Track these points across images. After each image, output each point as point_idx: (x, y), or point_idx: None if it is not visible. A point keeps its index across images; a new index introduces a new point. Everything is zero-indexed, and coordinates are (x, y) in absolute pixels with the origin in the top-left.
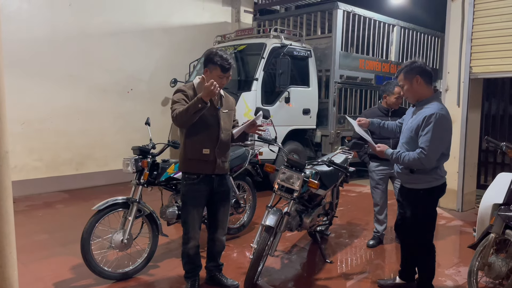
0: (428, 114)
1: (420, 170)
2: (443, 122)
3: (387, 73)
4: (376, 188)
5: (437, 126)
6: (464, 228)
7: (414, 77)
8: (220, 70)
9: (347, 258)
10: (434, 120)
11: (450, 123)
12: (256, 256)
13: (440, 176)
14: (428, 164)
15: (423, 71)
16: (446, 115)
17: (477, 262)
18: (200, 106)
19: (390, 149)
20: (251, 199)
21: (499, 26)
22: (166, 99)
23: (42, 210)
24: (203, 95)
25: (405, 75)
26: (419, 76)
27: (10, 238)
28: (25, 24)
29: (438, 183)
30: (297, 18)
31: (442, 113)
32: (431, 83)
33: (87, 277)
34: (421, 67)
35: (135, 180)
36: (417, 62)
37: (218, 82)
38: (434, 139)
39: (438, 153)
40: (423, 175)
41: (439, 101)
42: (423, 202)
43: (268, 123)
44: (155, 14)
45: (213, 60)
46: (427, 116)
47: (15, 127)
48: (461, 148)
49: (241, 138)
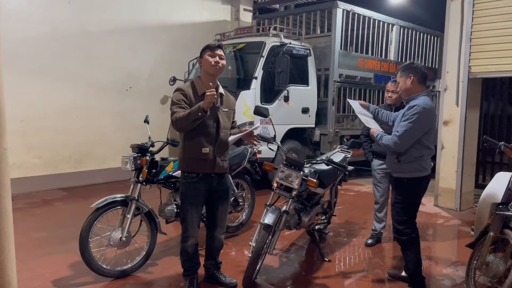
0: (412, 105)
1: (405, 160)
2: (424, 114)
3: (386, 72)
4: (377, 186)
5: (417, 116)
6: (462, 227)
7: (408, 75)
8: (208, 50)
9: (345, 257)
10: (415, 111)
11: (432, 118)
12: (255, 255)
13: (423, 168)
14: (398, 148)
15: (417, 71)
16: (428, 109)
17: (475, 261)
18: (200, 114)
19: (378, 132)
20: (249, 197)
21: (498, 26)
22: (165, 97)
23: (40, 208)
24: (204, 103)
25: (401, 73)
26: (412, 74)
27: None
28: (24, 22)
29: (420, 174)
30: (296, 17)
31: (425, 107)
32: (424, 83)
33: (85, 275)
34: (416, 67)
35: (134, 178)
36: (414, 63)
37: (211, 61)
38: (410, 127)
39: (411, 141)
40: (407, 165)
41: (427, 98)
42: (405, 189)
43: (267, 122)
44: (154, 12)
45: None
46: (410, 106)
47: (14, 125)
48: (459, 147)
49: (236, 143)
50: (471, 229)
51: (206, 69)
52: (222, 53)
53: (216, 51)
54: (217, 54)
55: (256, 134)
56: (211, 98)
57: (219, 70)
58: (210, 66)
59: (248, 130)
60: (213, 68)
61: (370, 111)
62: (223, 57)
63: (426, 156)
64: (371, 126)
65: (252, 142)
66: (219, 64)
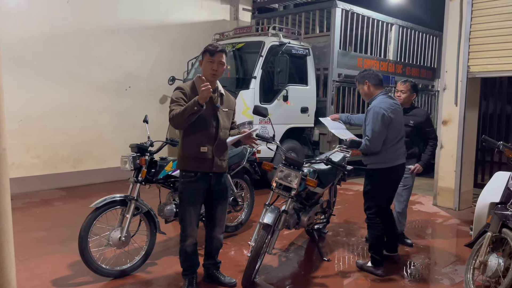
0: (368, 108)
1: (369, 153)
2: (376, 115)
3: (385, 72)
4: None
5: (372, 117)
6: (461, 227)
7: (364, 81)
8: (208, 54)
9: (345, 256)
10: (370, 114)
11: (384, 116)
12: (254, 254)
13: (387, 159)
14: (373, 149)
15: (371, 76)
16: (378, 111)
17: (474, 261)
18: (196, 109)
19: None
20: (249, 197)
21: (497, 25)
22: (164, 97)
23: (39, 208)
24: (199, 97)
25: (358, 81)
26: (367, 80)
27: (7, 235)
28: (23, 21)
29: (382, 166)
30: (295, 17)
31: (375, 110)
32: (380, 85)
33: (84, 274)
34: (369, 74)
35: (133, 178)
36: (367, 70)
37: (209, 67)
38: (372, 129)
39: (380, 139)
40: (370, 158)
41: (382, 97)
42: (372, 180)
43: (266, 121)
44: (153, 11)
45: (204, 49)
46: (368, 110)
47: (13, 124)
48: (458, 147)
49: (234, 144)
50: (470, 229)
51: (204, 73)
52: (222, 59)
53: (216, 56)
54: (216, 60)
55: (255, 135)
56: (206, 92)
57: (216, 77)
58: (207, 72)
59: (247, 132)
60: (210, 75)
61: (342, 121)
62: (223, 62)
63: (390, 149)
64: (346, 137)
65: (250, 144)
66: (217, 72)
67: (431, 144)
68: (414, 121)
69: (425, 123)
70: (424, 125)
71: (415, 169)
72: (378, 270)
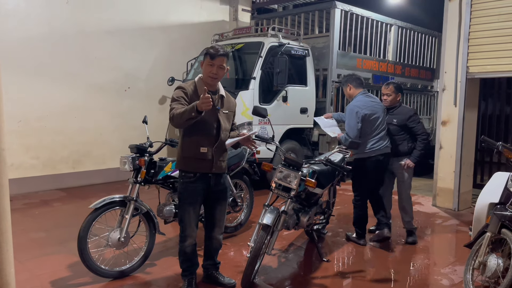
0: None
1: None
2: (350, 111)
3: (385, 72)
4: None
5: (348, 115)
6: (460, 227)
7: (347, 84)
8: (209, 57)
9: (344, 257)
10: (347, 112)
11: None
12: (253, 255)
13: (369, 149)
14: (353, 140)
15: (352, 79)
16: (353, 108)
17: (473, 261)
18: (194, 115)
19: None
20: (248, 197)
21: (496, 26)
22: (163, 98)
23: (39, 208)
24: (198, 104)
25: (342, 84)
26: (349, 83)
27: (6, 236)
28: (22, 22)
29: (363, 156)
30: (295, 17)
31: (350, 107)
32: (361, 86)
33: (84, 275)
34: (351, 77)
35: (132, 178)
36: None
37: (208, 71)
38: (349, 125)
39: (356, 133)
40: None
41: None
42: (354, 168)
43: (266, 122)
44: (153, 12)
45: (205, 51)
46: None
47: (12, 125)
48: (457, 147)
49: (233, 146)
50: (469, 229)
51: (204, 75)
52: (222, 63)
53: (216, 60)
54: (216, 64)
55: (254, 137)
56: (205, 106)
57: (216, 81)
58: (206, 75)
59: (246, 134)
60: (209, 78)
61: (335, 119)
62: (224, 66)
63: (368, 141)
64: (336, 134)
65: (249, 146)
66: (217, 75)
67: (420, 139)
68: (397, 119)
69: (409, 121)
70: (408, 123)
71: (405, 164)
72: (360, 240)
